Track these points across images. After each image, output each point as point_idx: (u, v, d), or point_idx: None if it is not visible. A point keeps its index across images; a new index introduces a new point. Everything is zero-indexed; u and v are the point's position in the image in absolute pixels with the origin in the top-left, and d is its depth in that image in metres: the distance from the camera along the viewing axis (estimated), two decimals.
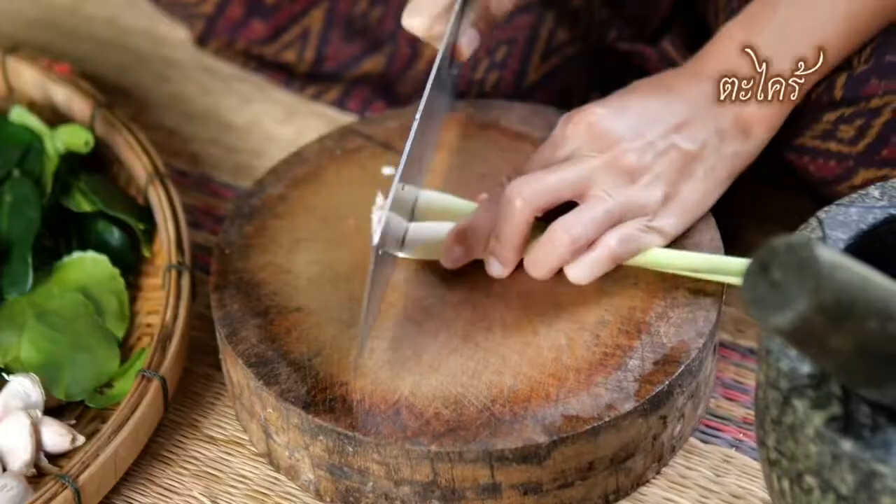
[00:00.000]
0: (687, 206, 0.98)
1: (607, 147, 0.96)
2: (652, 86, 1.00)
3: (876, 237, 0.83)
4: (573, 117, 0.98)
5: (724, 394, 1.01)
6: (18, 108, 1.16)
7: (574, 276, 0.96)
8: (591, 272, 0.95)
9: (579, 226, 0.94)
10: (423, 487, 0.90)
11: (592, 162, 0.96)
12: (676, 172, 0.97)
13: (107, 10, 1.38)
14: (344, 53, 1.24)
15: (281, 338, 0.96)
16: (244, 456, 0.99)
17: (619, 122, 0.97)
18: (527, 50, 1.17)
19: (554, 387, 0.91)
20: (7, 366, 1.01)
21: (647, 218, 0.96)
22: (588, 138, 0.97)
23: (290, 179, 1.07)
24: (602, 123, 0.97)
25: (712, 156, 0.98)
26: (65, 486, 0.90)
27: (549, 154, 0.98)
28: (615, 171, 0.95)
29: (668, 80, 1.00)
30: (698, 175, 0.98)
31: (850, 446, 0.72)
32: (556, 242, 0.94)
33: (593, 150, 0.96)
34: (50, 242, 1.08)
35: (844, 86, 0.99)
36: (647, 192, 0.96)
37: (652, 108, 0.98)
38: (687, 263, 0.96)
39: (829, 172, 1.02)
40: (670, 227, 0.97)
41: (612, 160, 0.95)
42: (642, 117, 0.97)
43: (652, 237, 0.96)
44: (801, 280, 0.65)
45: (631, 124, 0.97)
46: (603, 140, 0.96)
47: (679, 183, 0.97)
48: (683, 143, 0.97)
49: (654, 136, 0.96)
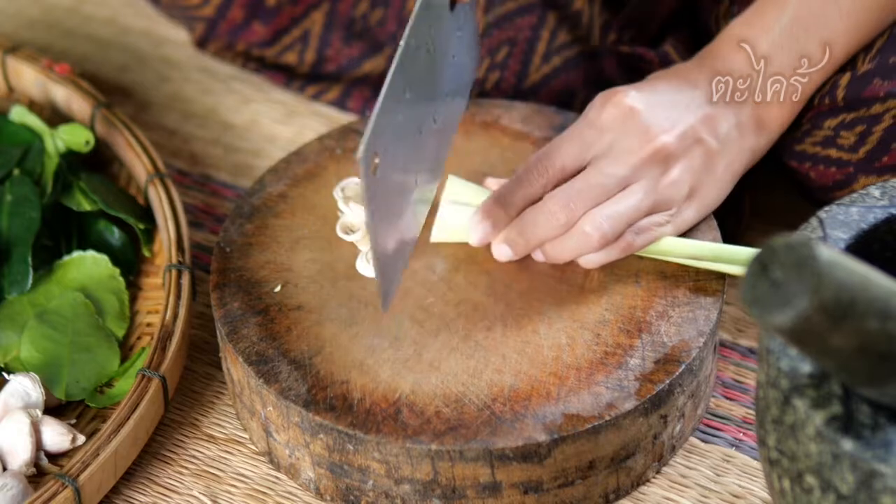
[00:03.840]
0: (706, 201, 0.99)
1: (645, 138, 0.96)
2: (675, 76, 1.00)
3: (876, 237, 0.84)
4: (612, 98, 0.98)
5: (724, 393, 1.01)
6: (19, 107, 1.16)
7: (587, 262, 0.96)
8: (605, 259, 0.96)
9: (608, 222, 0.95)
10: (423, 486, 0.90)
11: (632, 159, 0.96)
12: (701, 166, 0.97)
13: (107, 10, 1.38)
14: (344, 55, 1.24)
15: (281, 336, 0.96)
16: (244, 455, 0.99)
17: (654, 107, 0.97)
18: (528, 50, 1.17)
19: (554, 385, 0.92)
20: (7, 365, 1.01)
21: (670, 212, 0.97)
22: (625, 126, 0.96)
23: (290, 178, 1.08)
24: (640, 109, 0.97)
25: (732, 150, 0.98)
26: (65, 486, 0.90)
27: (588, 137, 0.97)
28: (652, 164, 0.96)
29: (686, 73, 1.00)
30: (719, 170, 0.98)
31: (850, 446, 0.72)
32: (586, 238, 0.95)
33: (632, 139, 0.96)
34: (50, 242, 1.08)
35: (847, 86, 0.99)
36: (674, 188, 0.96)
37: (680, 98, 0.98)
38: (694, 251, 0.97)
39: (829, 179, 1.02)
40: (689, 220, 0.98)
41: (651, 154, 0.96)
42: (675, 106, 0.97)
43: (669, 229, 0.97)
44: (801, 279, 0.65)
45: (666, 112, 0.97)
46: (640, 129, 0.96)
47: (702, 177, 0.97)
48: (708, 138, 0.97)
49: (686, 126, 0.97)
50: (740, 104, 0.99)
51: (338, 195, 1.04)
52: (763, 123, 0.99)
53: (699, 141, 0.97)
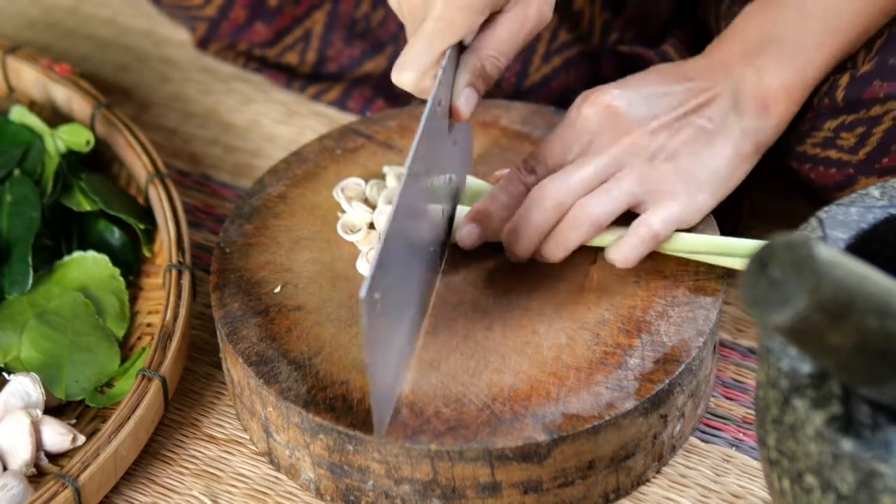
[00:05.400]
0: (716, 181, 0.98)
1: (624, 131, 0.97)
2: (668, 69, 1.01)
3: (876, 237, 0.83)
4: (590, 97, 0.99)
5: (724, 393, 1.01)
6: (19, 107, 1.16)
7: (623, 262, 0.97)
8: (636, 253, 0.97)
9: (599, 207, 0.96)
10: (423, 486, 0.90)
11: (612, 150, 0.97)
12: (699, 147, 0.97)
13: (107, 10, 1.38)
14: (345, 55, 1.24)
15: (281, 336, 0.96)
16: (244, 455, 0.99)
17: (634, 103, 0.98)
18: (528, 50, 1.17)
19: (554, 385, 0.92)
20: (7, 365, 1.01)
21: (679, 198, 0.96)
22: (604, 121, 0.97)
23: (290, 179, 1.08)
24: (618, 105, 0.97)
25: (734, 130, 0.98)
26: (65, 486, 0.90)
27: (568, 137, 0.99)
28: (633, 154, 0.96)
29: (684, 65, 1.01)
30: (722, 150, 0.98)
31: (850, 446, 0.72)
32: (577, 223, 0.96)
33: (610, 134, 0.97)
34: (50, 242, 1.08)
35: (847, 87, 0.99)
36: (664, 170, 0.97)
37: (666, 89, 0.99)
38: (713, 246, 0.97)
39: (829, 180, 1.02)
40: (704, 203, 0.98)
41: (630, 145, 0.96)
42: (657, 98, 0.98)
43: (691, 214, 0.97)
44: (801, 278, 0.65)
45: (646, 106, 0.97)
46: (619, 123, 0.97)
47: (703, 158, 0.98)
48: (701, 121, 0.98)
49: (669, 117, 0.97)
50: (740, 86, 0.98)
51: (338, 195, 1.05)
52: (767, 104, 0.99)
53: (689, 125, 0.97)
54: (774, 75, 0.98)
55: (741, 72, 0.99)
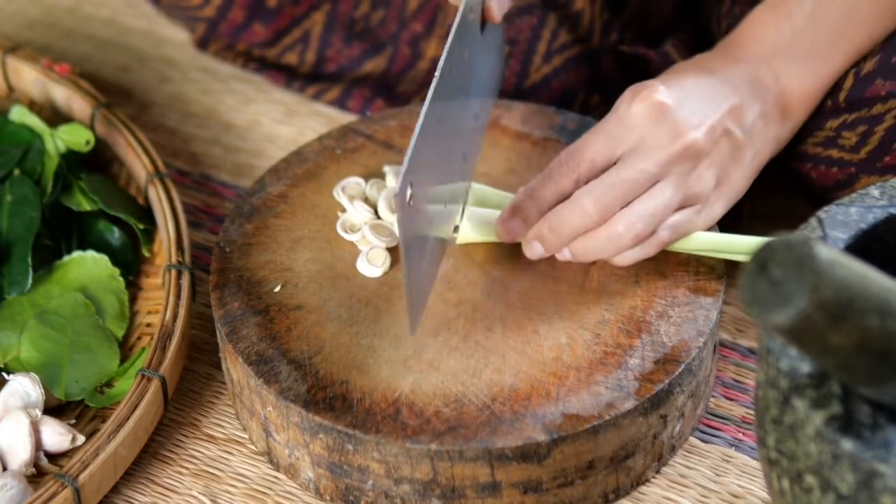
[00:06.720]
0: (733, 192, 0.98)
1: (675, 133, 0.94)
2: (699, 68, 0.99)
3: (876, 236, 0.83)
4: (640, 93, 0.96)
5: (724, 393, 1.01)
6: (19, 107, 1.16)
7: (621, 260, 0.96)
8: (640, 256, 0.96)
9: (641, 221, 0.94)
10: (422, 486, 0.90)
11: (662, 155, 0.94)
12: (728, 159, 0.96)
13: (107, 10, 1.38)
14: (345, 55, 1.24)
15: (281, 336, 0.96)
16: (244, 454, 0.99)
17: (684, 102, 0.95)
18: (528, 50, 1.17)
19: (554, 385, 0.91)
20: (7, 365, 1.01)
21: (698, 207, 0.96)
22: (655, 122, 0.95)
23: (290, 178, 1.08)
24: (668, 105, 0.95)
25: (758, 140, 0.98)
26: (64, 486, 0.90)
27: (616, 133, 0.96)
28: (682, 160, 0.94)
29: (710, 63, 1.00)
30: (746, 161, 0.97)
31: (850, 445, 0.72)
32: (619, 238, 0.94)
33: (660, 134, 0.94)
34: (50, 242, 1.08)
35: (849, 87, 0.99)
36: (703, 183, 0.95)
37: (706, 91, 0.97)
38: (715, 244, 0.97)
39: (830, 179, 1.02)
40: (717, 213, 0.98)
41: (682, 151, 0.94)
42: (702, 99, 0.96)
43: (700, 222, 0.97)
44: (801, 278, 0.65)
45: (694, 106, 0.96)
46: (670, 125, 0.94)
47: (729, 169, 0.97)
48: (735, 129, 0.96)
49: (714, 119, 0.95)
50: (764, 93, 0.98)
51: (338, 195, 1.05)
52: (787, 111, 0.99)
53: (727, 133, 0.96)
54: (798, 82, 0.98)
55: (763, 77, 0.98)
